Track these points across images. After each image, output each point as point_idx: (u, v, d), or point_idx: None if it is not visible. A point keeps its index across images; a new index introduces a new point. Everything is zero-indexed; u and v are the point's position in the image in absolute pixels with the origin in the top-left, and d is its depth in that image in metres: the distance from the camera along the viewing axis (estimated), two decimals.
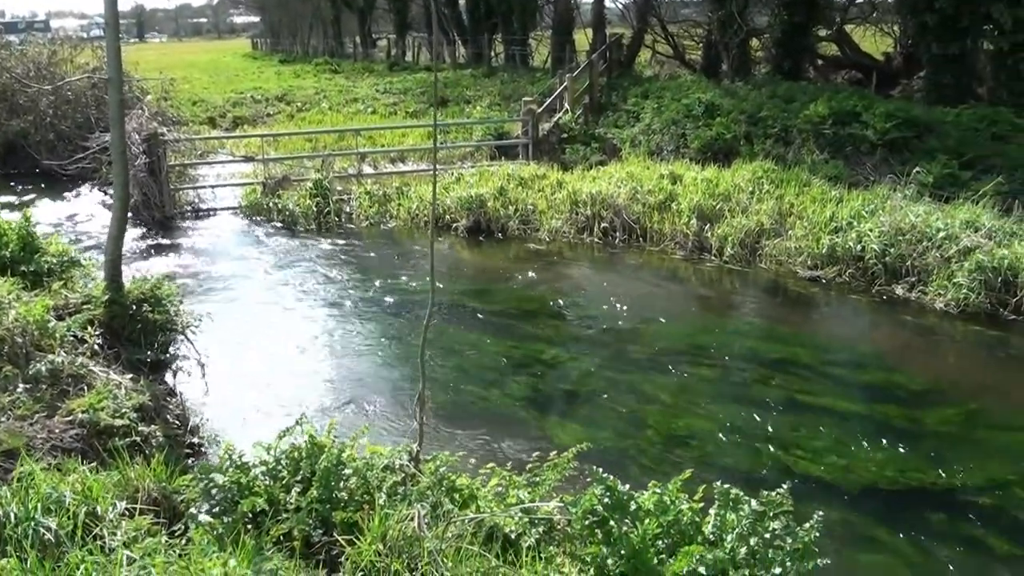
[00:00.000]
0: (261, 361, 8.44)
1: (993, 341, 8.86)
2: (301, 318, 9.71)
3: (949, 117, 14.24)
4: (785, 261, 10.91)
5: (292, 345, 8.85)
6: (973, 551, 5.63)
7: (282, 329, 9.31)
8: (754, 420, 7.17)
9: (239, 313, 9.76)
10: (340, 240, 13.12)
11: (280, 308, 10.06)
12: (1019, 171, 12.36)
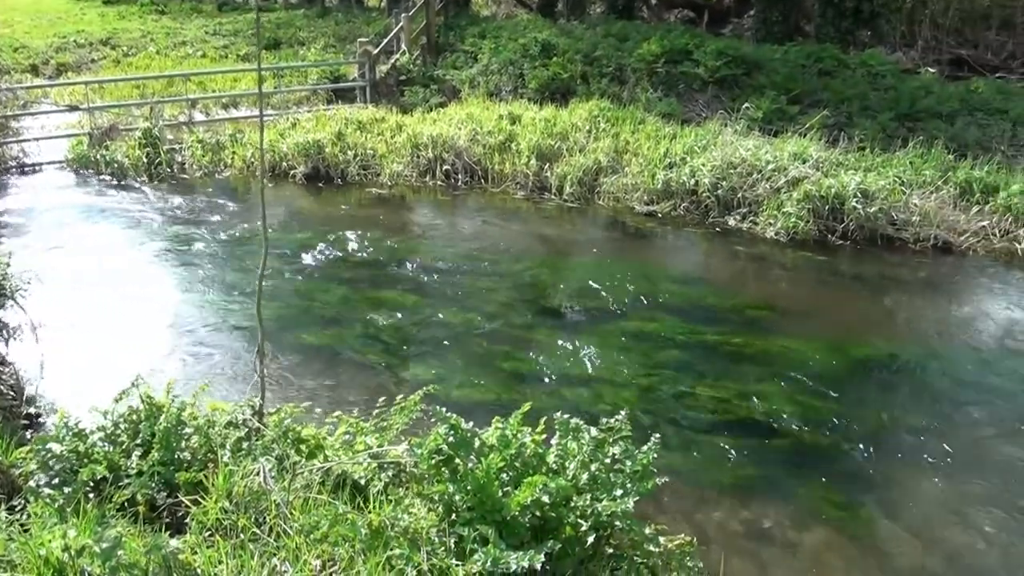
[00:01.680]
0: (96, 322, 8.07)
1: (822, 266, 9.35)
2: (135, 275, 9.32)
3: (777, 54, 14.78)
4: (622, 197, 11.16)
5: (128, 304, 8.49)
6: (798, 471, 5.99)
7: (117, 288, 8.91)
8: (597, 351, 7.36)
9: (70, 274, 9.29)
10: (173, 191, 12.60)
11: (112, 267, 9.61)
12: (844, 104, 13.00)
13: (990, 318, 8.39)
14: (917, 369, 7.37)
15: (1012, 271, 9.42)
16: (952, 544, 5.39)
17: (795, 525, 5.52)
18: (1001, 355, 7.66)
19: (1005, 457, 6.21)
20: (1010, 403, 6.89)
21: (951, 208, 10.16)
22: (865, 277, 9.12)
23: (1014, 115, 12.82)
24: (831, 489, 5.85)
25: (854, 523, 5.55)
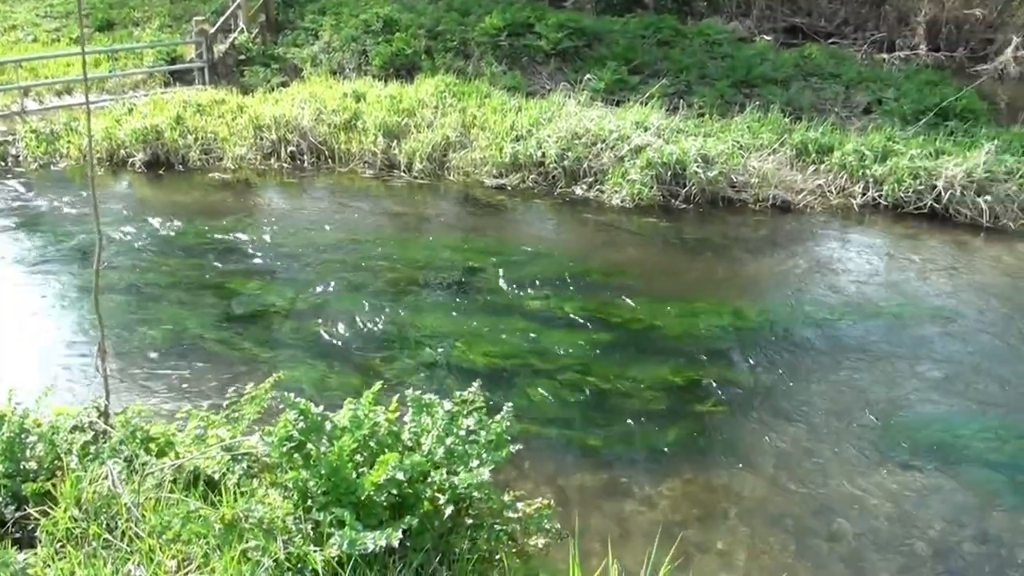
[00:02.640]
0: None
1: (667, 230, 9.63)
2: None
3: (617, 26, 15.05)
4: (472, 172, 11.19)
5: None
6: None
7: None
8: (453, 326, 7.40)
9: None
10: (5, 186, 11.93)
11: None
12: (683, 73, 13.37)
13: (829, 271, 8.85)
14: (764, 324, 7.72)
15: (848, 225, 9.94)
16: (805, 485, 5.69)
17: (653, 481, 5.72)
18: (841, 305, 8.10)
19: (850, 401, 6.59)
20: (850, 348, 7.32)
21: (788, 169, 10.63)
22: (709, 239, 9.45)
23: (846, 79, 13.49)
24: (687, 443, 6.09)
25: (708, 473, 5.79)
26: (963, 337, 7.63)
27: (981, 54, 17.48)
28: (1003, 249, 9.39)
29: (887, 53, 17.15)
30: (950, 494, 5.70)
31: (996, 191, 10.02)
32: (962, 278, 8.73)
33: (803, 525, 5.38)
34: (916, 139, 10.95)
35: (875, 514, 5.49)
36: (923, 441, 6.19)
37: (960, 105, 12.04)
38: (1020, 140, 10.89)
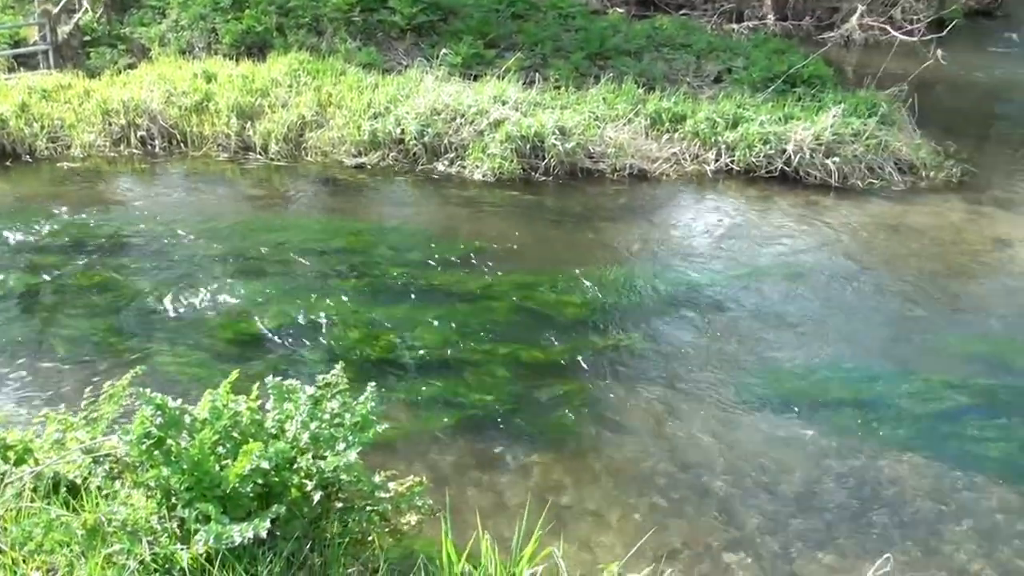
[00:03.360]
0: None
1: (530, 202, 9.72)
2: None
3: (470, 0, 14.99)
4: (330, 152, 10.99)
5: None
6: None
7: None
8: (318, 308, 7.30)
9: None
10: None
11: None
12: (538, 46, 13.43)
13: (687, 235, 9.16)
14: (627, 290, 7.92)
15: (703, 191, 10.24)
16: (674, 442, 5.90)
17: (526, 451, 5.82)
18: (700, 267, 8.38)
19: (714, 359, 6.85)
20: (711, 308, 7.64)
21: (644, 138, 10.86)
22: (570, 209, 9.59)
23: (697, 49, 13.82)
24: (558, 412, 6.20)
25: (579, 439, 5.94)
26: (817, 291, 8.02)
27: (827, 22, 18.19)
28: (852, 207, 9.85)
29: (736, 23, 17.65)
30: (812, 440, 6.02)
31: (843, 152, 10.48)
32: (814, 236, 9.14)
33: (673, 481, 5.57)
34: (766, 105, 11.34)
35: (742, 465, 5.74)
36: (784, 392, 6.50)
37: (807, 72, 12.49)
38: (865, 103, 11.39)
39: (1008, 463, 5.91)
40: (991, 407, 6.47)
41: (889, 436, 6.08)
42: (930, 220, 9.61)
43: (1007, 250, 9.02)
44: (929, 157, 10.90)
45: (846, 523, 5.33)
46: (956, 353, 7.18)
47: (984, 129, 13.78)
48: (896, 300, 7.98)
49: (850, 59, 16.35)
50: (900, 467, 5.81)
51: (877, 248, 8.96)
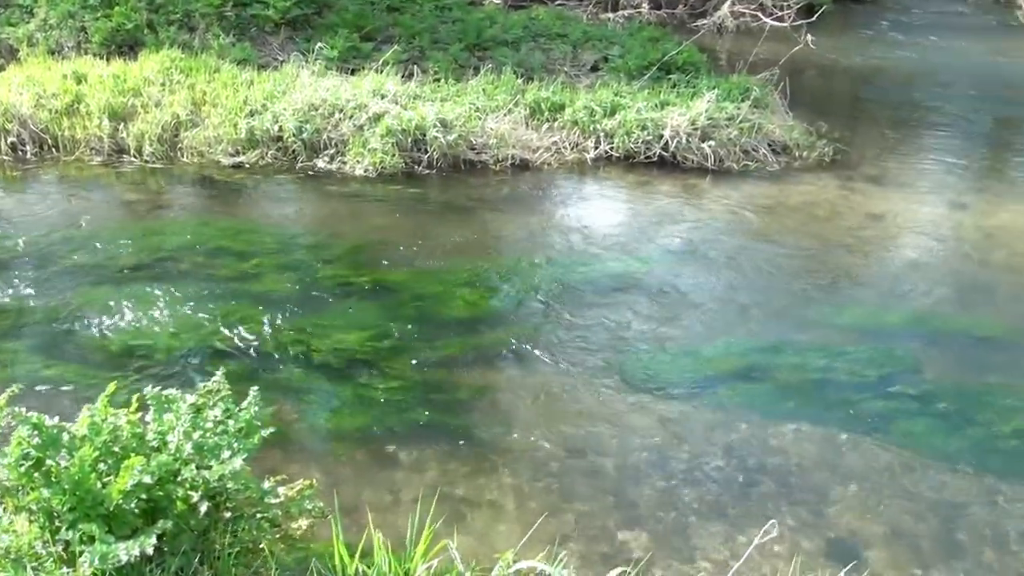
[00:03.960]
0: None
1: (414, 196, 9.65)
2: None
3: None
4: (207, 152, 10.70)
5: None
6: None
7: None
8: (200, 313, 7.14)
9: None
10: None
11: None
12: (416, 39, 13.33)
13: (571, 222, 9.27)
14: (515, 279, 7.98)
15: (584, 178, 10.37)
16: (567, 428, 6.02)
17: (420, 447, 5.82)
18: (586, 253, 8.53)
19: (604, 343, 6.98)
20: (600, 294, 7.77)
21: (524, 128, 10.91)
22: (454, 201, 9.58)
23: (573, 39, 13.93)
24: (452, 406, 6.25)
25: (474, 431, 5.99)
26: (699, 271, 8.25)
27: (700, 10, 18.52)
28: (728, 189, 10.11)
29: (612, 12, 17.85)
30: (699, 416, 6.21)
31: (719, 136, 10.74)
32: (694, 218, 9.37)
33: (567, 466, 5.67)
34: (642, 93, 11.52)
35: (633, 445, 5.88)
36: (672, 371, 6.68)
37: (682, 59, 12.72)
38: (738, 88, 11.68)
39: (888, 424, 6.22)
40: (868, 372, 6.77)
41: (774, 407, 6.32)
42: (805, 198, 9.95)
43: (879, 223, 9.41)
44: (802, 138, 11.27)
45: (735, 494, 5.51)
46: (834, 323, 7.48)
47: (853, 110, 14.32)
48: (776, 276, 8.26)
49: (723, 45, 16.74)
50: (785, 436, 6.04)
51: (755, 227, 9.24)
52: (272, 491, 4.01)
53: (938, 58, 16.90)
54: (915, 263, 8.66)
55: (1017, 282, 8.35)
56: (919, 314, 7.75)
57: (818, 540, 5.20)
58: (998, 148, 12.63)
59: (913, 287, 8.20)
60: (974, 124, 13.42)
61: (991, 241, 9.22)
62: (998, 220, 9.70)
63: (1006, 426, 6.25)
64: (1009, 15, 20.75)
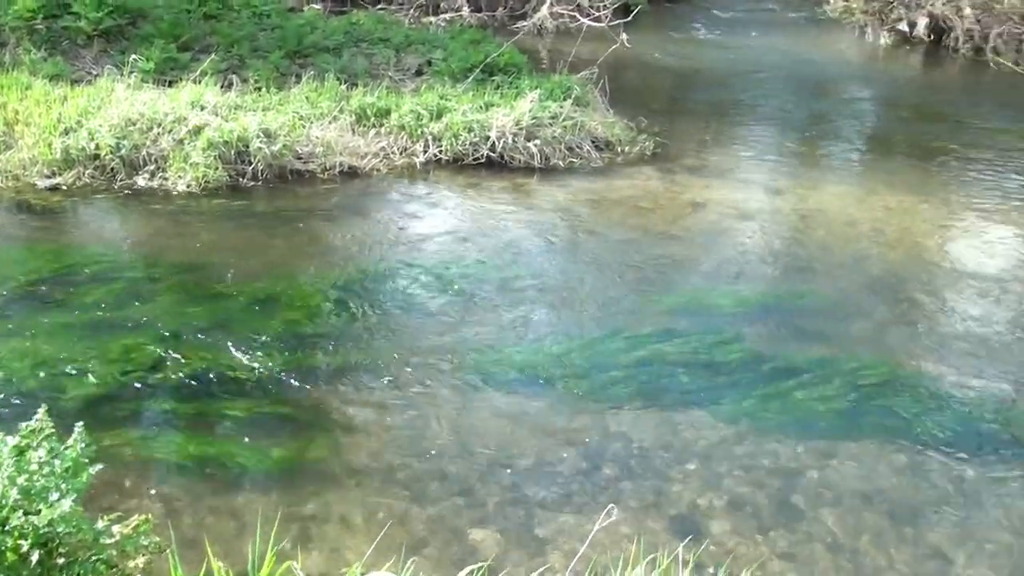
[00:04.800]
0: None
1: (241, 210, 9.41)
2: None
3: (160, 1, 14.25)
4: (21, 174, 10.08)
5: None
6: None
7: None
8: (18, 349, 6.76)
9: None
10: None
11: None
12: (235, 47, 12.98)
13: (404, 227, 9.25)
14: (351, 289, 7.88)
15: (414, 183, 10.37)
16: (412, 434, 5.95)
17: (261, 469, 5.72)
18: (421, 257, 8.53)
19: (444, 346, 6.98)
20: (436, 298, 7.80)
21: (351, 135, 10.82)
22: (283, 213, 9.39)
23: (396, 43, 13.88)
24: (291, 424, 6.16)
25: (316, 447, 5.94)
26: (533, 268, 8.41)
27: (520, 12, 18.83)
28: (556, 186, 10.33)
29: (433, 16, 17.90)
30: (540, 411, 6.36)
31: (543, 135, 10.95)
32: (524, 216, 9.55)
33: (414, 472, 5.69)
34: (467, 95, 11.62)
35: (478, 445, 5.94)
36: (511, 369, 6.77)
37: (503, 60, 12.90)
38: (560, 87, 11.93)
39: (721, 400, 6.54)
40: (699, 352, 7.08)
41: (612, 394, 6.52)
42: (630, 191, 10.27)
43: (700, 211, 9.81)
44: (623, 133, 11.62)
45: (580, 482, 5.66)
46: (664, 309, 7.78)
47: (672, 105, 14.86)
48: (607, 268, 8.50)
49: (544, 46, 17.07)
50: (624, 421, 6.24)
51: (584, 221, 9.49)
52: (106, 531, 3.84)
53: (752, 53, 17.77)
54: (737, 246, 9.09)
55: (831, 259, 8.88)
56: (743, 294, 8.16)
57: (662, 518, 5.41)
58: (810, 137, 13.36)
59: (737, 269, 8.62)
60: (787, 115, 14.21)
61: (806, 223, 9.76)
62: (812, 203, 10.28)
63: (830, 391, 6.66)
64: (817, 10, 21.96)
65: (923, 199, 10.51)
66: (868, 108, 15.75)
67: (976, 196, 10.76)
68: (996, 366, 7.20)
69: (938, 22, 18.99)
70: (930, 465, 5.98)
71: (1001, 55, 17.90)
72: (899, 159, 12.43)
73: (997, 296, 8.30)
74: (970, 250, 9.22)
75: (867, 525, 5.43)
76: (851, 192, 10.73)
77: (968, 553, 5.27)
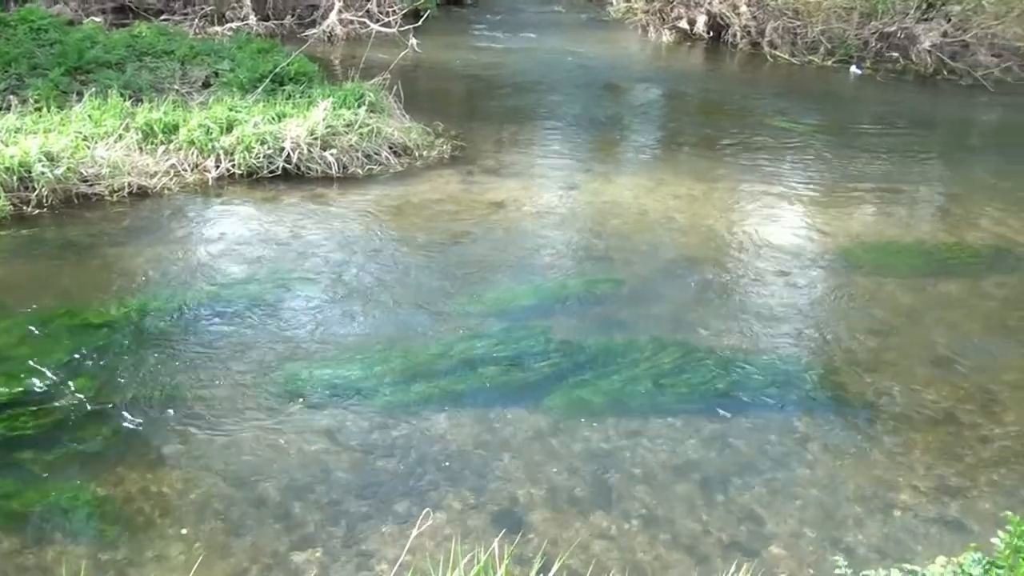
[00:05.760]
0: None
1: (26, 240, 8.80)
2: None
3: None
4: None
5: None
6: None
7: None
8: None
9: None
10: None
11: None
12: (12, 67, 12.18)
13: (203, 247, 8.91)
14: (151, 318, 7.54)
15: (209, 200, 10.03)
16: (225, 461, 5.74)
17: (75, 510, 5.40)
18: (218, 277, 8.24)
19: (250, 370, 6.75)
20: (238, 316, 7.55)
21: (138, 153, 10.35)
22: (73, 241, 8.86)
23: (180, 55, 13.40)
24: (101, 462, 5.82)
25: (130, 485, 5.62)
26: (339, 279, 8.31)
27: (308, 19, 18.65)
28: (356, 195, 10.28)
29: (219, 26, 17.45)
30: (360, 422, 6.29)
31: (339, 143, 10.88)
32: (326, 227, 9.42)
33: (230, 500, 5.51)
34: (257, 106, 11.37)
35: (297, 463, 5.85)
36: (320, 385, 6.64)
37: (293, 69, 12.70)
38: (353, 95, 11.87)
39: (532, 392, 6.68)
40: (509, 348, 7.19)
41: (426, 399, 6.53)
42: (430, 195, 10.34)
43: (501, 211, 9.98)
44: (421, 138, 11.70)
45: (402, 490, 5.65)
46: (472, 310, 7.84)
47: (467, 108, 15.08)
48: (411, 272, 8.52)
49: (335, 53, 16.96)
50: (441, 425, 6.28)
51: (387, 228, 9.47)
52: None
53: (542, 54, 18.28)
54: (538, 242, 9.31)
55: (627, 247, 9.24)
56: (547, 288, 8.36)
57: (483, 516, 5.47)
58: (601, 132, 13.85)
59: (540, 263, 8.84)
60: (579, 113, 14.71)
61: (602, 215, 10.10)
62: (607, 197, 10.65)
63: (636, 372, 6.93)
64: (601, 11, 22.79)
65: (709, 186, 11.11)
66: (655, 103, 16.46)
67: (757, 180, 11.48)
68: (786, 333, 7.76)
69: (716, 19, 20.10)
70: (735, 432, 6.34)
71: (777, 48, 19.20)
72: (686, 150, 13.10)
73: (781, 269, 8.88)
74: (754, 230, 9.80)
75: (680, 496, 5.69)
76: (643, 184, 11.19)
77: (777, 511, 5.61)
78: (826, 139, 13.51)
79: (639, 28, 21.26)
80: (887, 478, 5.95)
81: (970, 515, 5.63)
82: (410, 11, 18.41)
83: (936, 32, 18.53)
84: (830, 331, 7.86)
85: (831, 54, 18.92)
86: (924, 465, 6.09)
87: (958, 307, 8.34)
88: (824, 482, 5.89)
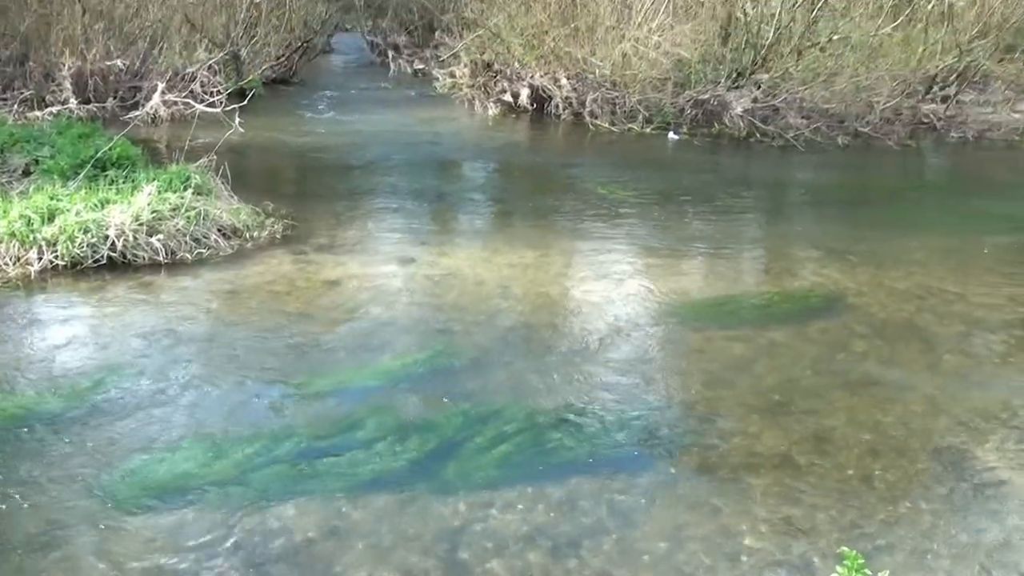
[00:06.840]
0: None
1: None
2: None
3: None
4: None
5: None
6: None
7: None
8: None
9: None
10: None
11: None
12: None
13: (15, 351, 8.30)
14: None
15: (32, 295, 9.48)
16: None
17: None
18: (34, 384, 7.70)
19: (73, 475, 6.35)
20: (65, 426, 7.04)
21: None
22: None
23: None
24: None
25: None
26: (165, 372, 7.88)
27: (132, 102, 18.26)
28: (187, 280, 9.98)
29: (40, 110, 16.86)
30: (194, 525, 5.93)
31: (166, 228, 10.57)
32: (155, 316, 9.02)
33: None
34: (79, 193, 10.99)
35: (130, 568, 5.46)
36: (153, 483, 6.27)
37: (116, 153, 12.34)
38: (178, 177, 11.62)
39: (377, 472, 6.54)
40: (353, 432, 7.00)
41: (267, 491, 6.25)
42: (263, 277, 10.15)
43: (337, 289, 9.90)
44: (250, 219, 11.52)
45: None
46: (310, 394, 7.60)
47: (299, 187, 15.01)
48: (245, 358, 8.22)
49: (160, 135, 16.61)
50: (286, 516, 6.00)
51: (218, 314, 9.20)
52: None
53: (372, 130, 18.45)
54: (377, 318, 9.23)
55: (466, 318, 9.27)
56: (388, 365, 8.26)
57: None
58: (434, 206, 13.96)
59: (379, 341, 8.73)
60: (411, 188, 14.85)
61: (440, 287, 10.14)
62: (443, 268, 10.72)
63: (482, 442, 6.91)
64: (428, 87, 23.19)
65: (542, 253, 11.35)
66: (485, 175, 16.81)
67: (588, 246, 11.83)
68: (624, 390, 7.92)
69: (539, 91, 20.81)
70: (582, 493, 6.38)
71: (598, 117, 20.04)
72: (517, 219, 13.37)
73: (616, 329, 9.10)
74: (587, 294, 10.05)
75: (532, 564, 5.66)
76: (478, 254, 11.32)
77: (629, 568, 5.65)
78: (650, 203, 14.07)
79: (465, 102, 21.76)
80: (732, 525, 6.11)
81: (814, 553, 5.84)
82: (235, 90, 18.24)
83: (747, 99, 19.75)
84: (666, 385, 8.10)
85: (649, 121, 19.85)
86: (766, 508, 6.29)
87: (785, 353, 8.73)
88: (672, 534, 6.00)
